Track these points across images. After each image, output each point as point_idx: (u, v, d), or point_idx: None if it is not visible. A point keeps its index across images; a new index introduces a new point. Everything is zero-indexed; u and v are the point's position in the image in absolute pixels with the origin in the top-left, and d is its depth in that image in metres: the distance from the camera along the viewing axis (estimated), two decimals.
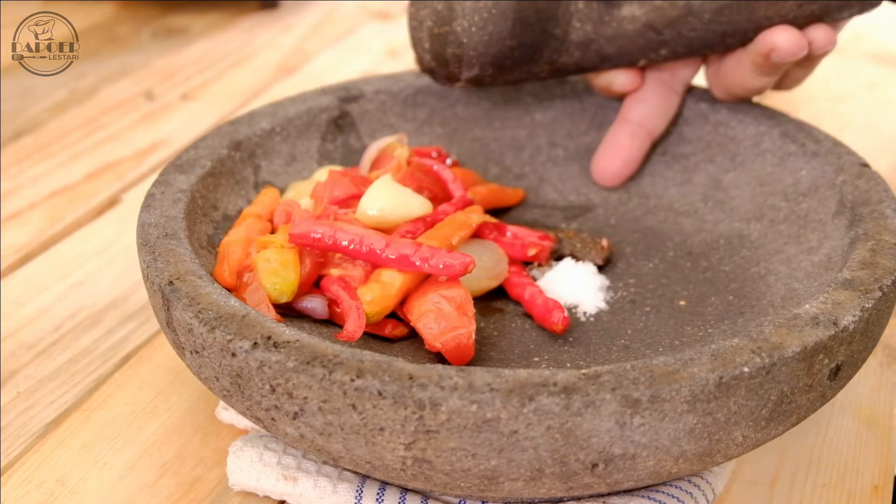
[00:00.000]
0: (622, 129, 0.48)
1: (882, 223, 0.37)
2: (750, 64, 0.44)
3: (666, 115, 0.48)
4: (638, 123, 0.48)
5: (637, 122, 0.48)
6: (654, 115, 0.47)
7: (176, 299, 0.33)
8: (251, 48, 0.84)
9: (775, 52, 0.42)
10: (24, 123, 0.69)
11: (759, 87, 0.45)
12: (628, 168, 0.48)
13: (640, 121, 0.47)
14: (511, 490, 0.30)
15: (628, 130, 0.48)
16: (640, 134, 0.48)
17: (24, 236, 0.55)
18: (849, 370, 0.33)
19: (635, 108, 0.48)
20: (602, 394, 0.28)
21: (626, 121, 0.48)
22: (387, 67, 0.79)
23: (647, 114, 0.47)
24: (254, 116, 0.47)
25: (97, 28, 0.88)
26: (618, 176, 0.48)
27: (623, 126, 0.48)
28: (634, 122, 0.48)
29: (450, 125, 0.52)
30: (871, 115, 0.71)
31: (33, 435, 0.40)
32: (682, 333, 0.39)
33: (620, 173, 0.48)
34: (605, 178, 0.49)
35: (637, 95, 0.48)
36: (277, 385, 0.30)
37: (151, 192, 0.40)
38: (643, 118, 0.47)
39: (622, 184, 0.49)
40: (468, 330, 0.37)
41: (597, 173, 0.49)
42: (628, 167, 0.48)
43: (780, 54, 0.42)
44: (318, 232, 0.38)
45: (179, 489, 0.37)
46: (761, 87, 0.45)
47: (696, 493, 0.35)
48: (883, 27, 0.88)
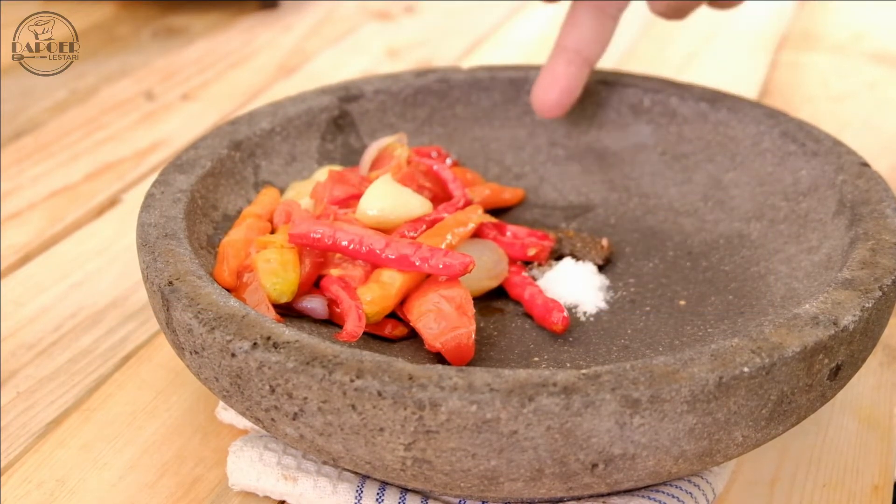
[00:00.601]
0: (558, 57, 0.47)
1: (882, 223, 0.37)
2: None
3: (602, 40, 0.47)
4: (574, 50, 0.47)
5: (573, 49, 0.47)
6: (589, 41, 0.47)
7: (175, 300, 0.33)
8: (251, 48, 0.84)
9: None
10: (24, 123, 0.69)
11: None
12: (567, 97, 0.47)
13: (575, 48, 0.47)
14: (511, 490, 0.30)
15: (564, 58, 0.47)
16: (575, 61, 0.47)
17: (24, 236, 0.55)
18: (849, 370, 0.33)
19: (570, 35, 0.47)
20: (602, 394, 0.28)
21: (561, 48, 0.47)
22: (387, 67, 0.79)
23: (583, 40, 0.47)
24: (254, 116, 0.47)
25: (97, 28, 0.88)
26: (558, 106, 0.47)
27: (559, 54, 0.47)
28: (570, 50, 0.47)
29: (450, 125, 0.52)
30: (871, 115, 0.71)
31: (33, 435, 0.40)
32: (682, 333, 0.39)
33: (560, 103, 0.47)
34: (544, 110, 0.48)
35: (571, 21, 0.47)
36: (277, 385, 0.30)
37: (151, 192, 0.40)
38: (578, 44, 0.47)
39: (563, 113, 0.48)
40: (468, 330, 0.37)
41: (536, 106, 0.48)
42: (567, 96, 0.47)
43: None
44: (318, 232, 0.38)
45: (179, 489, 0.37)
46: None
47: (696, 493, 0.35)
48: (883, 27, 0.88)
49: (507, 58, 0.80)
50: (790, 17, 0.90)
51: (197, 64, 0.80)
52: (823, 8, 0.93)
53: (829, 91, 0.75)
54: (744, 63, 0.79)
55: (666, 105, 0.50)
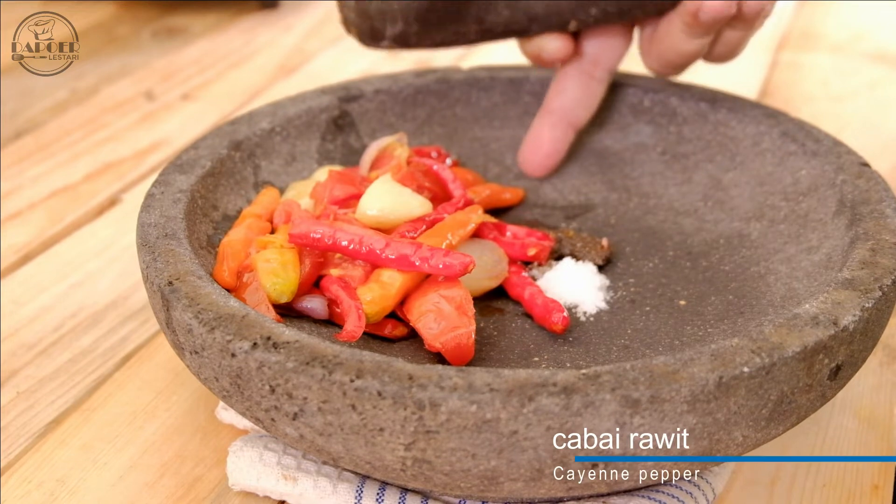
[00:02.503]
0: (543, 120, 0.48)
1: (882, 223, 0.37)
2: (680, 25, 0.43)
3: (588, 105, 0.48)
4: (558, 115, 0.48)
5: (557, 113, 0.48)
6: (574, 105, 0.47)
7: (175, 300, 0.33)
8: (251, 48, 0.84)
9: (703, 10, 0.41)
10: (24, 123, 0.69)
11: (691, 52, 0.44)
12: (550, 160, 0.48)
13: (560, 112, 0.47)
14: (511, 490, 0.30)
15: (549, 122, 0.48)
16: (559, 125, 0.48)
17: (24, 236, 0.55)
18: (849, 370, 0.33)
19: (556, 99, 0.48)
20: (602, 394, 0.28)
21: (546, 112, 0.48)
22: (387, 67, 0.79)
23: (567, 105, 0.47)
24: (254, 116, 0.47)
25: (97, 28, 0.88)
26: (541, 167, 0.49)
27: (544, 117, 0.48)
28: (555, 114, 0.48)
29: (450, 125, 0.52)
30: (871, 115, 0.71)
31: (33, 435, 0.40)
32: (682, 333, 0.39)
33: (543, 165, 0.49)
34: (530, 171, 0.49)
35: (557, 86, 0.48)
36: (277, 385, 0.30)
37: (151, 192, 0.40)
38: (563, 109, 0.47)
39: (549, 174, 0.49)
40: (468, 330, 0.37)
41: (522, 166, 0.49)
42: (550, 159, 0.48)
43: (707, 13, 0.41)
44: (318, 232, 0.38)
45: (179, 489, 0.37)
46: (694, 51, 0.44)
47: (696, 493, 0.35)
48: (883, 27, 0.88)
49: (507, 58, 0.80)
50: (790, 17, 0.90)
51: (197, 64, 0.81)
52: (823, 8, 0.93)
53: (829, 91, 0.75)
54: (744, 63, 0.79)
55: (666, 105, 0.50)
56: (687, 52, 0.44)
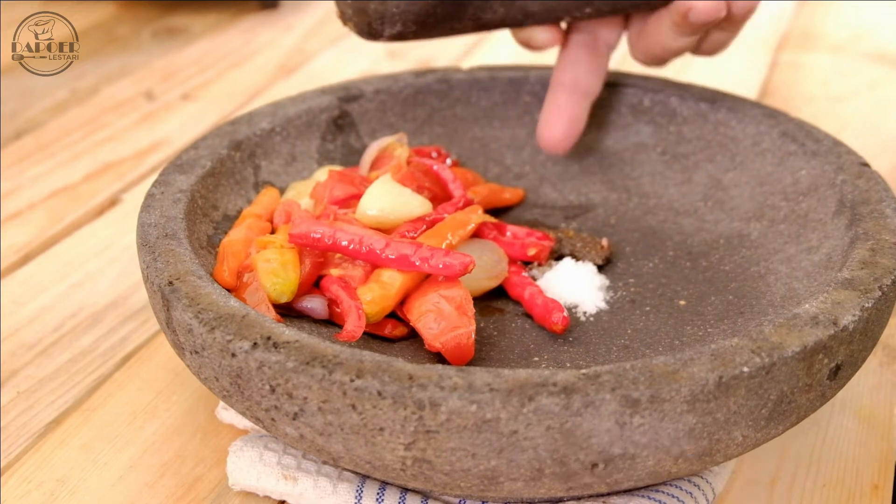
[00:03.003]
0: (558, 92, 0.48)
1: (882, 223, 0.37)
2: (669, 23, 0.43)
3: (598, 74, 0.48)
4: (571, 86, 0.47)
5: (571, 83, 0.47)
6: (586, 74, 0.47)
7: (176, 299, 0.33)
8: (251, 48, 0.84)
9: (692, 12, 0.42)
10: (24, 123, 0.69)
11: (677, 48, 0.45)
12: (573, 128, 0.48)
13: (572, 83, 0.47)
14: (511, 490, 0.30)
15: (563, 93, 0.47)
16: (574, 95, 0.47)
17: (24, 236, 0.55)
18: (849, 370, 0.33)
19: (567, 71, 0.47)
20: (602, 394, 0.28)
21: (558, 84, 0.48)
22: (387, 67, 0.79)
23: (580, 74, 0.47)
24: (254, 116, 0.47)
25: (97, 28, 0.88)
26: (565, 138, 0.48)
27: (557, 90, 0.48)
28: (569, 84, 0.47)
29: (450, 125, 0.52)
30: (871, 115, 0.71)
31: (33, 435, 0.40)
32: (682, 333, 0.39)
33: (567, 134, 0.48)
34: (552, 144, 0.48)
35: (566, 58, 0.48)
36: (277, 385, 0.30)
37: (151, 192, 0.40)
38: (577, 79, 0.47)
39: (571, 146, 0.48)
40: (468, 330, 0.37)
41: (544, 142, 0.48)
42: (572, 126, 0.48)
43: (696, 15, 0.42)
44: (318, 232, 0.38)
45: (179, 489, 0.37)
46: (680, 48, 0.45)
47: (696, 493, 0.35)
48: (883, 27, 0.88)
49: (507, 58, 0.80)
50: (790, 17, 0.90)
51: (197, 64, 0.81)
52: (823, 8, 0.93)
53: (829, 91, 0.75)
54: (744, 63, 0.79)
55: (666, 105, 0.50)
56: (673, 49, 0.45)
